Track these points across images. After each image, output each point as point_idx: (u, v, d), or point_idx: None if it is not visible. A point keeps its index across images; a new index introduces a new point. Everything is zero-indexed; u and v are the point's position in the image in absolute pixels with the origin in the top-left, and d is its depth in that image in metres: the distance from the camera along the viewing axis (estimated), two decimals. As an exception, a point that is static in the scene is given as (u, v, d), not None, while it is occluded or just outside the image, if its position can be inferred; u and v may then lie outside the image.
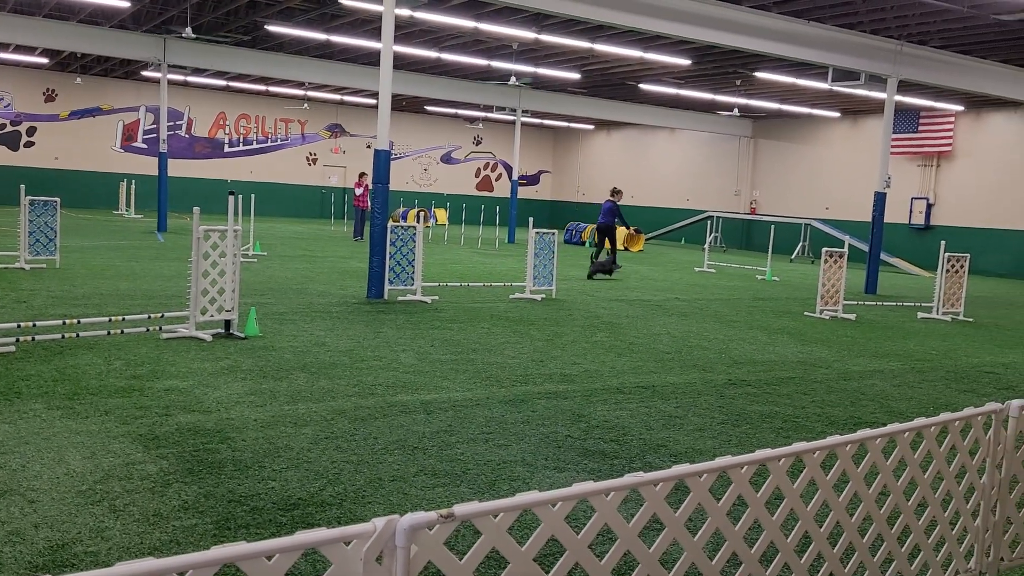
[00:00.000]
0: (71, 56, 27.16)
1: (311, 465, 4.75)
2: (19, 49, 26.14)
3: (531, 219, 14.14)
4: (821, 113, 29.09)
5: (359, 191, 23.92)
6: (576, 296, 13.56)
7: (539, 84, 26.81)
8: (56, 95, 31.79)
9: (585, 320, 10.98)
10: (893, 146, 25.30)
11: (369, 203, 22.76)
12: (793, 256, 28.22)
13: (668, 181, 36.29)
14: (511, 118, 29.86)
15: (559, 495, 2.18)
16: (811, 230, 28.65)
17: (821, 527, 2.90)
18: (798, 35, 15.91)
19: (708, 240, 23.91)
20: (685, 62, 20.59)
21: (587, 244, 28.47)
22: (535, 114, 33.62)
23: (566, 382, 7.27)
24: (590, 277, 16.58)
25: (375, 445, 5.19)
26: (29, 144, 31.52)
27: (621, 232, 27.90)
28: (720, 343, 9.74)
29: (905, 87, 20.17)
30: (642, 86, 26.12)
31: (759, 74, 21.29)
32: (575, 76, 24.70)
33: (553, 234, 13.34)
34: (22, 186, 13.85)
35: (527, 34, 18.43)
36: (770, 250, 22.02)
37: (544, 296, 13.01)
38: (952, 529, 3.42)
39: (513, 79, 23.69)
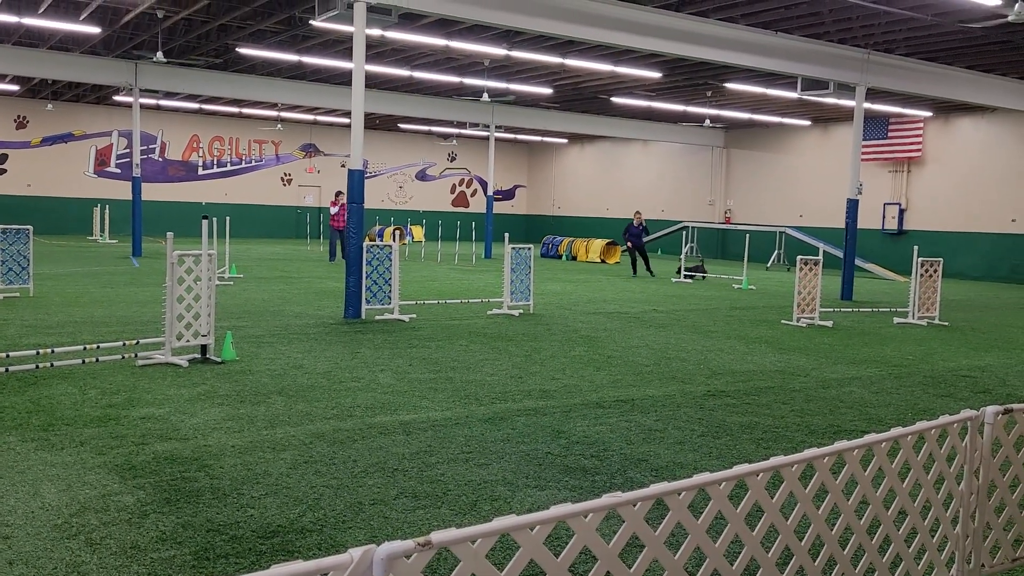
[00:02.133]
0: (42, 82, 26.94)
1: (290, 491, 4.71)
2: (-13, 76, 25.90)
3: (507, 234, 14.16)
4: (792, 122, 29.45)
5: (334, 210, 23.82)
6: (554, 311, 13.58)
7: (512, 100, 26.93)
8: (27, 122, 31.49)
9: (563, 335, 10.99)
10: (864, 153, 25.66)
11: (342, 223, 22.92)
12: (768, 264, 28.46)
13: (643, 193, 36.52)
14: (485, 134, 29.97)
15: (537, 519, 2.18)
16: (786, 238, 28.93)
17: (802, 540, 2.91)
18: (766, 46, 16.12)
19: (684, 250, 24.06)
20: (656, 75, 20.78)
21: (564, 257, 28.53)
22: (509, 129, 33.76)
23: (545, 398, 7.27)
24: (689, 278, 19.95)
25: (354, 468, 5.15)
26: (1, 172, 31.17)
27: (597, 244, 28.02)
28: (698, 354, 9.79)
29: (873, 94, 20.48)
30: (614, 99, 26.32)
31: (729, 85, 21.53)
32: (547, 91, 24.85)
33: (529, 249, 13.37)
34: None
35: (498, 51, 18.52)
36: (745, 259, 22.20)
37: (522, 311, 13.02)
38: (932, 537, 3.45)
39: (485, 95, 23.79)
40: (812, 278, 12.91)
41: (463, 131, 34.07)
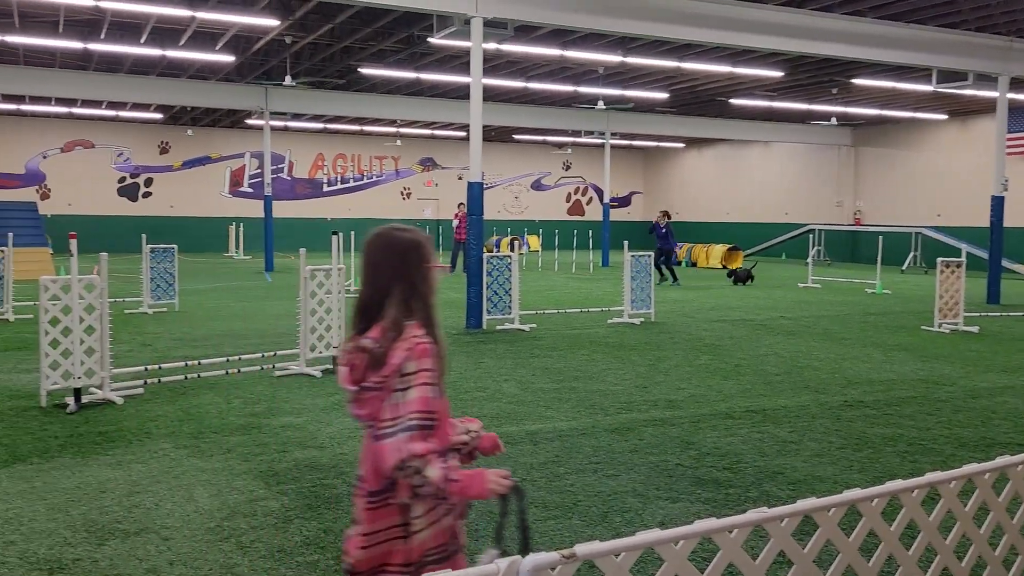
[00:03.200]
0: (182, 110, 28.73)
1: (424, 499, 4.81)
2: (136, 107, 27.82)
3: (626, 242, 14.04)
4: (926, 116, 27.93)
5: (456, 222, 24.24)
6: (676, 319, 13.35)
7: (628, 107, 26.74)
8: (170, 147, 33.64)
9: (687, 343, 10.79)
10: (1009, 146, 24.00)
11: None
12: (904, 267, 27.05)
13: (764, 196, 35.46)
14: (600, 141, 29.85)
15: (682, 533, 2.14)
16: (922, 239, 27.43)
17: (962, 561, 2.74)
18: (897, 39, 15.37)
19: (811, 254, 23.17)
20: (777, 74, 20.17)
21: (684, 264, 28.06)
22: (624, 136, 33.51)
23: (672, 408, 7.15)
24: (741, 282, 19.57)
25: (485, 477, 5.20)
26: (147, 194, 33.42)
27: (718, 250, 27.38)
28: (832, 362, 9.40)
29: (1018, 84, 19.17)
30: (733, 101, 25.70)
31: (857, 81, 20.65)
32: (663, 96, 24.53)
33: (649, 256, 13.20)
34: (143, 235, 14.67)
35: (613, 58, 18.43)
36: (879, 262, 21.16)
37: (643, 320, 12.87)
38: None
39: (600, 103, 23.70)
40: (954, 281, 12.18)
41: (578, 139, 34.06)
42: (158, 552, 3.99)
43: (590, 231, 33.63)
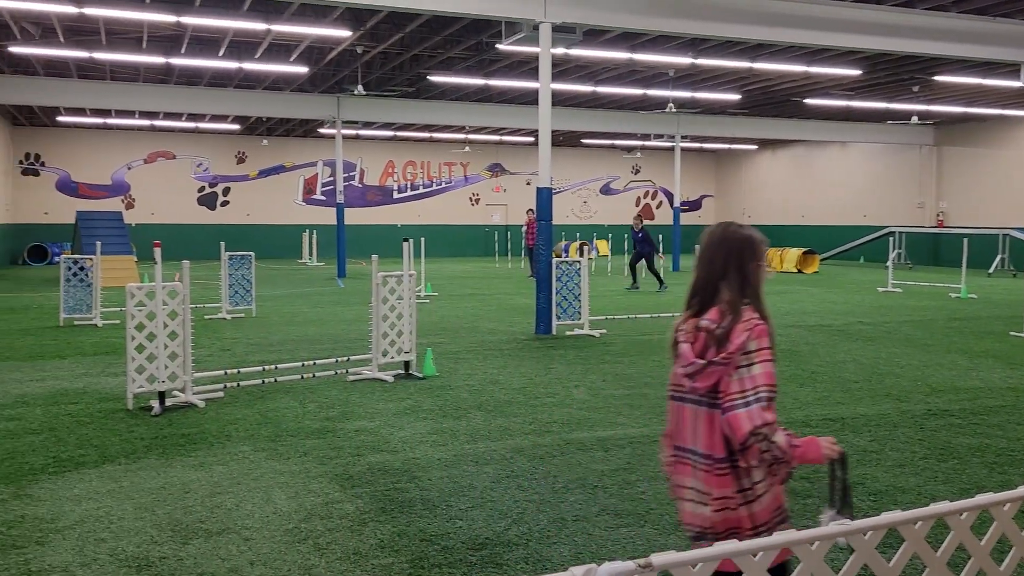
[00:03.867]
0: (258, 120, 29.54)
1: (495, 504, 4.83)
2: (214, 118, 28.76)
3: (696, 247, 13.85)
4: (1015, 113, 26.80)
5: (526, 228, 24.34)
6: (750, 323, 13.09)
7: (698, 109, 26.40)
8: (246, 157, 34.63)
9: (761, 349, 10.56)
10: (1101, 143, 22.87)
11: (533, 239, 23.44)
12: (991, 270, 25.99)
13: (841, 198, 34.53)
14: (670, 145, 29.55)
15: (760, 544, 2.09)
16: (1011, 240, 26.31)
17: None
18: (983, 33, 14.79)
19: (891, 257, 22.46)
20: (855, 72, 19.64)
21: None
22: (694, 138, 33.09)
23: (747, 415, 7.00)
24: None
25: (555, 484, 5.20)
26: (225, 203, 34.46)
27: (792, 254, 26.77)
28: (914, 369, 9.09)
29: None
30: (808, 101, 25.12)
31: (940, 78, 19.95)
32: (735, 97, 24.14)
33: (722, 261, 12.96)
34: (222, 243, 15.12)
35: (683, 60, 18.23)
36: (964, 265, 20.37)
37: (716, 325, 12.64)
38: None
39: (670, 106, 23.47)
40: (1044, 284, 11.63)
41: (647, 143, 33.78)
42: (239, 552, 4.10)
43: (660, 235, 33.25)
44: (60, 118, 28.81)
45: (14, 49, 17.33)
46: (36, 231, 30.85)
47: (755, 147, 38.54)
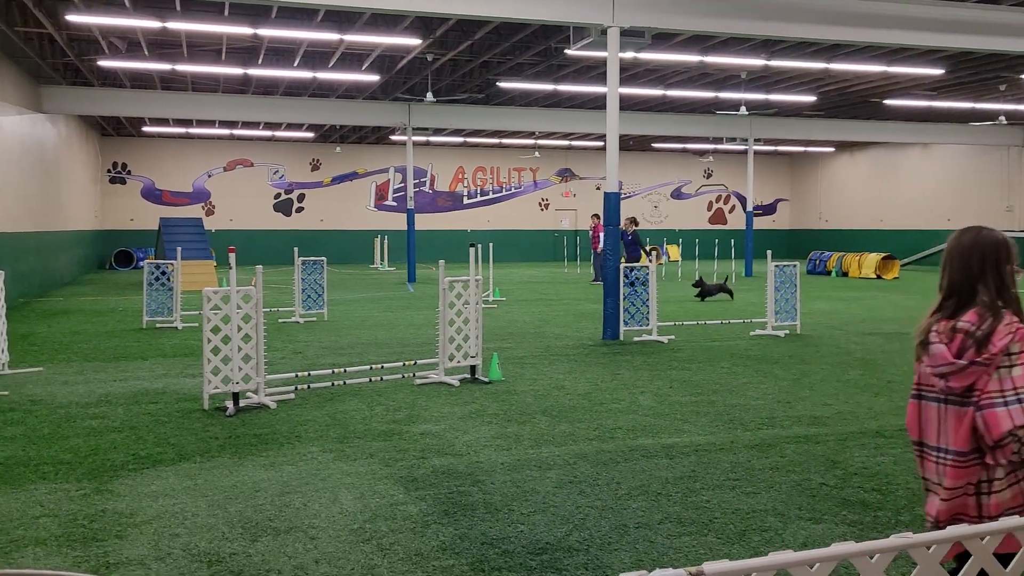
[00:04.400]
0: (331, 128, 30.22)
1: (557, 509, 4.83)
2: (290, 126, 29.55)
3: (769, 251, 13.59)
4: (1108, 111, 25.51)
5: (592, 232, 24.31)
6: (823, 331, 12.79)
7: (772, 111, 25.90)
8: (320, 164, 35.44)
9: (835, 357, 10.31)
10: None
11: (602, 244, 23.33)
12: (1082, 276, 24.73)
13: (923, 201, 33.39)
14: (743, 148, 29.06)
15: (817, 556, 2.05)
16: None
17: None
18: (1073, 28, 14.13)
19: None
20: (937, 72, 19.00)
21: (833, 274, 26.83)
22: (768, 141, 32.48)
23: (817, 425, 6.85)
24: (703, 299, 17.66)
25: (618, 490, 5.18)
26: (299, 209, 35.33)
27: (871, 259, 25.99)
28: (997, 379, 8.72)
29: None
30: (888, 102, 24.40)
31: (1026, 76, 19.13)
32: (810, 99, 23.61)
33: (795, 266, 12.71)
34: (295, 248, 15.51)
35: (756, 62, 17.93)
36: (1052, 270, 19.45)
37: (787, 332, 12.40)
38: None
39: (743, 108, 23.08)
40: None
41: (719, 146, 33.31)
42: (305, 550, 4.21)
43: (732, 240, 32.70)
44: (145, 128, 30.02)
45: (103, 63, 18.14)
46: (122, 237, 32.16)
47: (832, 149, 37.60)
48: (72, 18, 14.04)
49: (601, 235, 23.56)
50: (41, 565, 4.04)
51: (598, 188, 37.80)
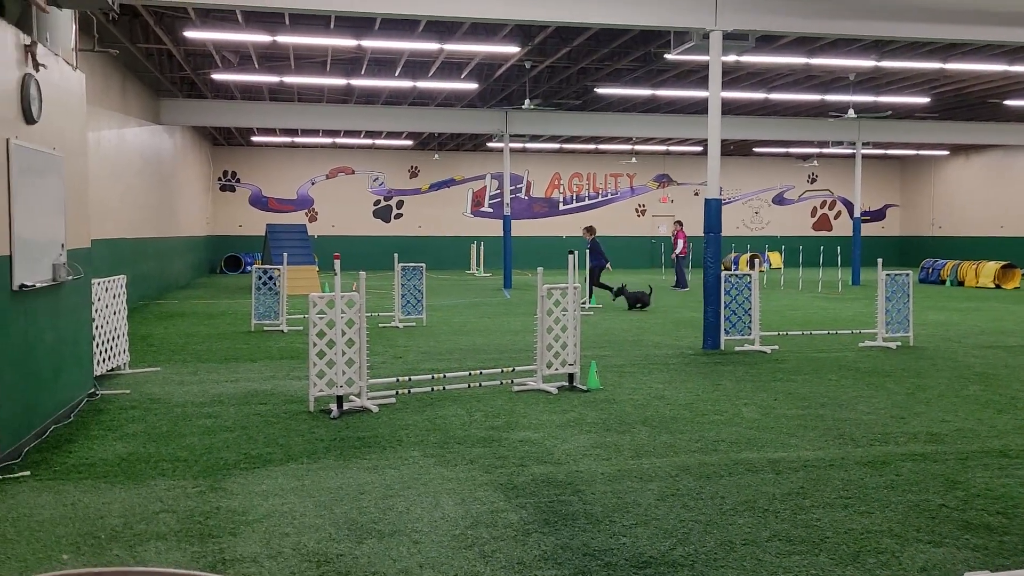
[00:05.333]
0: (430, 136, 30.74)
1: (659, 522, 4.74)
2: (390, 134, 30.21)
3: (879, 259, 13.06)
4: None
5: (674, 238, 24.25)
6: (938, 343, 12.18)
7: (886, 114, 24.89)
8: (418, 171, 36.09)
9: (952, 371, 9.80)
10: None
11: (677, 250, 23.32)
12: None
13: (1046, 206, 31.44)
14: (850, 152, 28.03)
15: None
16: None
17: None
18: None
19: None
20: (1063, 69, 17.87)
21: (948, 283, 25.56)
22: (877, 145, 31.21)
23: (934, 442, 6.51)
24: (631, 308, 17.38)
25: (723, 505, 5.05)
26: (398, 216, 36.06)
27: (990, 267, 24.63)
28: None
29: None
30: (1008, 103, 23.10)
31: None
32: (924, 100, 22.58)
33: (907, 274, 12.16)
34: (395, 254, 15.81)
35: (865, 63, 17.27)
36: None
37: (899, 344, 11.87)
38: None
39: (851, 111, 22.27)
40: None
41: (825, 150, 32.23)
42: (409, 554, 4.26)
43: (838, 247, 31.56)
44: (253, 138, 31.24)
45: (216, 76, 18.97)
46: (231, 242, 33.53)
47: (945, 153, 35.86)
48: (190, 34, 14.74)
49: (680, 241, 23.63)
50: (162, 560, 4.22)
51: (696, 194, 37.14)
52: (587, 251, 18.87)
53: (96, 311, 8.72)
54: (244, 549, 4.33)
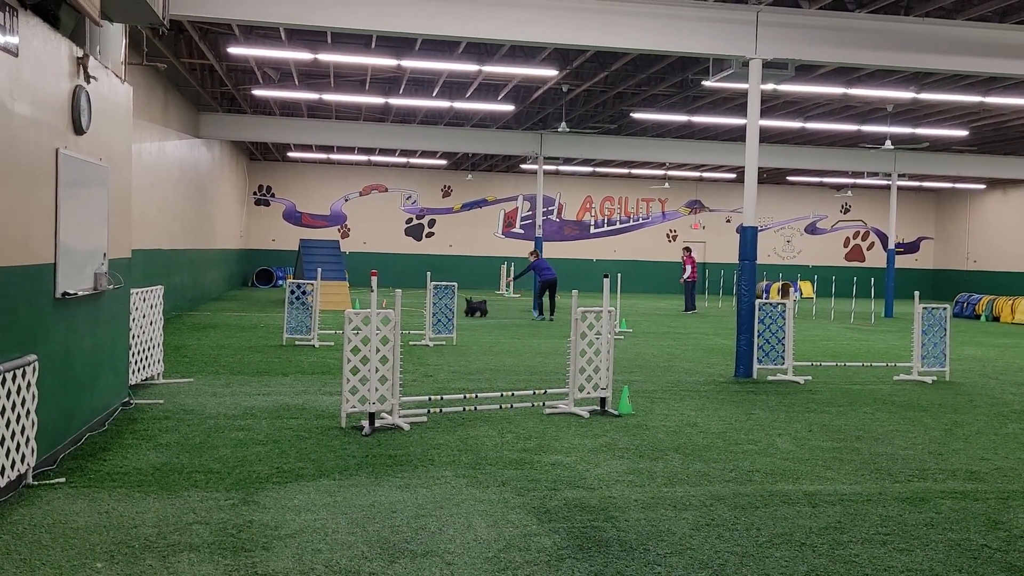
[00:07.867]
0: (464, 156, 30.94)
1: (694, 552, 4.68)
2: (424, 154, 30.44)
3: (916, 292, 12.87)
4: None
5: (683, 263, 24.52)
6: (975, 379, 11.96)
7: (924, 146, 24.64)
8: (451, 190, 36.29)
9: (991, 407, 9.61)
10: None
11: (686, 275, 23.55)
12: None
13: (1087, 243, 30.86)
14: (885, 183, 27.77)
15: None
16: None
17: None
18: None
19: None
20: (1108, 105, 17.60)
21: (983, 318, 25.12)
22: (912, 176, 30.91)
23: (974, 480, 6.38)
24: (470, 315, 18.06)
25: (759, 537, 4.97)
26: (430, 234, 36.24)
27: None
28: None
29: None
30: (1049, 136, 22.79)
31: None
32: (962, 133, 22.33)
33: (944, 308, 11.97)
34: (428, 272, 15.86)
35: (904, 94, 17.14)
36: None
37: (935, 378, 11.67)
38: None
39: (888, 143, 22.08)
40: None
41: (859, 180, 31.95)
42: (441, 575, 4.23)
43: (871, 278, 31.20)
44: (290, 154, 31.64)
45: (257, 92, 19.26)
46: (264, 256, 33.89)
47: (982, 186, 35.40)
48: (233, 50, 15.00)
49: (688, 267, 23.96)
50: (195, 571, 4.23)
51: (727, 221, 36.97)
52: (532, 270, 20.32)
53: (133, 320, 8.83)
54: (276, 564, 4.33)
